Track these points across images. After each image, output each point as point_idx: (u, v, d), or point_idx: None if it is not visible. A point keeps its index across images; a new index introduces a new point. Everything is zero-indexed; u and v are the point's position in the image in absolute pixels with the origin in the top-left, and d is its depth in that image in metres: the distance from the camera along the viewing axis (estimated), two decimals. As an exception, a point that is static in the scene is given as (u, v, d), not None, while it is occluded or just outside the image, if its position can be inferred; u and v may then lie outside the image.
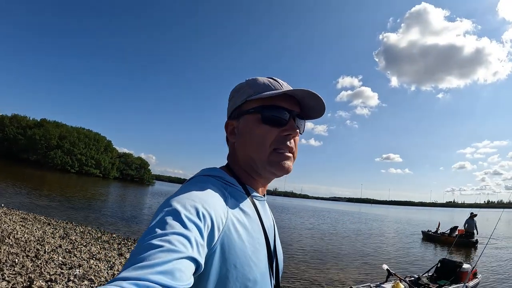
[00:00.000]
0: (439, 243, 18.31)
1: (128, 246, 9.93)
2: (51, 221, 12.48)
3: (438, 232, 19.91)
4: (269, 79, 0.92)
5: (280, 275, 0.92)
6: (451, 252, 14.94)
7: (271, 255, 0.85)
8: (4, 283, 5.08)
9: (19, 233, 9.03)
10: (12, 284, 5.08)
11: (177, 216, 0.64)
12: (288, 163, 0.88)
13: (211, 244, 0.69)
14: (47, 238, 9.07)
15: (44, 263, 6.51)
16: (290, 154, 0.89)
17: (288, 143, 0.88)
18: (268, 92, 0.87)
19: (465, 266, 8.26)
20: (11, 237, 8.30)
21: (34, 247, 7.73)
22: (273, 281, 0.86)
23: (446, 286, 7.63)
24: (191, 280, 0.57)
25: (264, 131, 0.87)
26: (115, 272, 6.71)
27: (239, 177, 0.90)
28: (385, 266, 8.09)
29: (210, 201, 0.73)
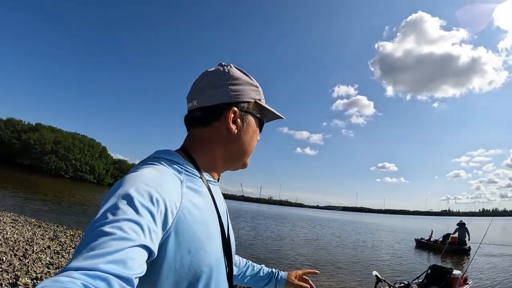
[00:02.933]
0: (432, 251, 18.35)
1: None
2: (42, 223, 12.45)
3: (431, 239, 19.98)
4: None
5: (233, 261, 0.92)
6: (443, 259, 15.02)
7: (226, 240, 0.86)
8: (-11, 278, 5.09)
9: (8, 233, 9.00)
10: (-2, 280, 5.07)
11: (129, 201, 0.62)
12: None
13: (165, 230, 0.67)
14: (37, 239, 9.04)
15: (32, 262, 6.52)
16: None
17: None
18: (274, 110, 1.01)
19: (455, 272, 8.26)
20: (0, 237, 8.25)
21: (23, 247, 7.71)
22: (227, 267, 0.86)
23: None
24: (143, 268, 0.57)
25: (257, 137, 0.99)
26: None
27: (195, 161, 0.88)
28: (374, 272, 8.06)
29: (164, 185, 0.71)
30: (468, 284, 8.51)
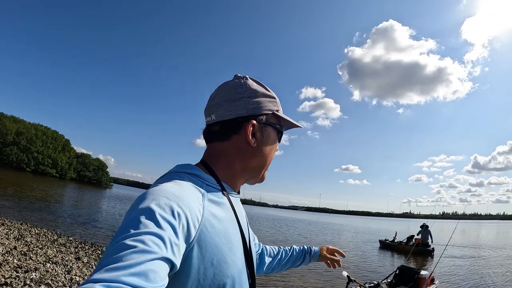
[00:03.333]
0: (396, 252, 18.93)
1: (85, 250, 9.58)
2: (4, 221, 11.87)
3: (395, 241, 20.63)
4: None
5: (255, 272, 0.91)
6: (408, 260, 15.55)
7: (248, 252, 0.86)
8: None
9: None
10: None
11: (151, 215, 0.62)
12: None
13: (187, 243, 0.68)
14: (1, 239, 8.46)
15: (-2, 266, 6.10)
16: None
17: None
18: (291, 120, 1.01)
19: (423, 272, 8.53)
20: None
21: (-14, 249, 7.21)
22: (249, 278, 0.86)
23: None
24: (165, 281, 0.57)
25: (276, 148, 1.00)
26: (73, 277, 6.47)
27: (216, 175, 0.88)
28: (344, 273, 8.20)
29: (186, 199, 0.71)
30: (434, 284, 8.81)
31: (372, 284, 8.26)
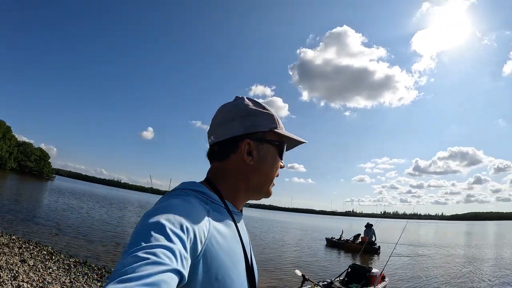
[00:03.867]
0: (343, 250, 19.57)
1: (30, 250, 8.87)
2: None
3: (342, 239, 21.40)
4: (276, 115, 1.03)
5: None
6: (354, 258, 16.18)
7: (249, 268, 0.87)
8: None
9: None
10: None
11: (161, 229, 0.64)
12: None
13: (194, 257, 0.69)
14: None
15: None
16: None
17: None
18: (292, 136, 1.02)
19: (374, 270, 8.87)
20: None
21: None
22: None
23: None
24: None
25: (278, 165, 0.99)
26: (20, 283, 5.98)
27: (220, 192, 0.90)
28: (298, 272, 8.29)
29: (193, 215, 0.74)
30: (385, 281, 9.23)
31: (325, 282, 8.41)
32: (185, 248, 0.65)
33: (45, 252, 9.05)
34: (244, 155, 0.92)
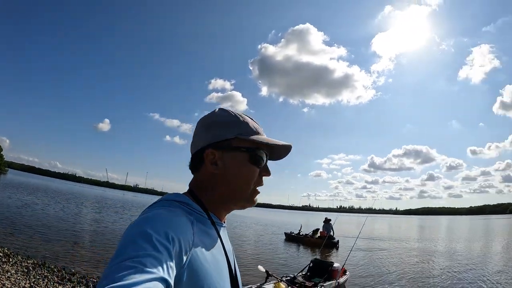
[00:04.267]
0: (302, 244, 20.03)
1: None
2: None
3: (301, 233, 21.87)
4: (253, 121, 1.02)
5: None
6: (315, 252, 16.54)
7: (234, 278, 0.90)
8: None
9: None
10: None
11: (148, 239, 0.66)
12: (257, 198, 1.02)
13: (180, 267, 0.70)
14: None
15: None
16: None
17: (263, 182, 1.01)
18: (265, 139, 0.98)
19: (336, 265, 9.13)
20: None
21: None
22: None
23: (321, 283, 8.25)
24: None
25: (251, 171, 0.95)
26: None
27: (203, 204, 0.92)
28: (261, 268, 8.14)
29: (178, 226, 0.75)
30: (346, 275, 9.54)
31: (288, 278, 8.56)
32: (171, 257, 0.66)
33: (1, 254, 8.53)
34: (207, 165, 0.94)
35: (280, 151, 1.04)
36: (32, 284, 6.61)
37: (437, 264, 15.13)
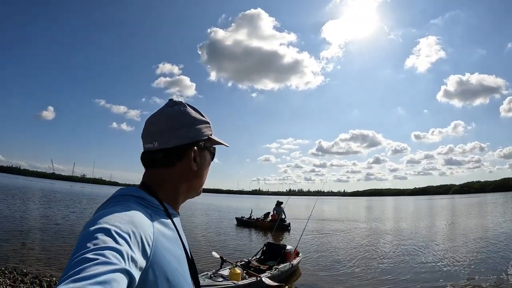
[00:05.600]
0: (254, 228, 20.33)
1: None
2: None
3: (252, 218, 22.16)
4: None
5: (200, 284, 0.99)
6: (267, 235, 16.81)
7: (192, 268, 0.93)
8: None
9: None
10: None
11: (107, 233, 0.65)
12: None
13: (143, 260, 0.70)
14: None
15: None
16: None
17: None
18: (222, 142, 1.12)
19: (289, 247, 9.43)
20: None
21: None
22: None
23: (275, 266, 8.45)
24: None
25: (208, 168, 1.08)
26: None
27: (158, 196, 0.93)
28: (215, 254, 8.27)
29: (137, 219, 0.75)
30: (299, 256, 9.84)
31: (243, 262, 8.62)
32: (132, 250, 0.66)
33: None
34: (191, 162, 0.98)
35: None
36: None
37: (385, 242, 16.10)
